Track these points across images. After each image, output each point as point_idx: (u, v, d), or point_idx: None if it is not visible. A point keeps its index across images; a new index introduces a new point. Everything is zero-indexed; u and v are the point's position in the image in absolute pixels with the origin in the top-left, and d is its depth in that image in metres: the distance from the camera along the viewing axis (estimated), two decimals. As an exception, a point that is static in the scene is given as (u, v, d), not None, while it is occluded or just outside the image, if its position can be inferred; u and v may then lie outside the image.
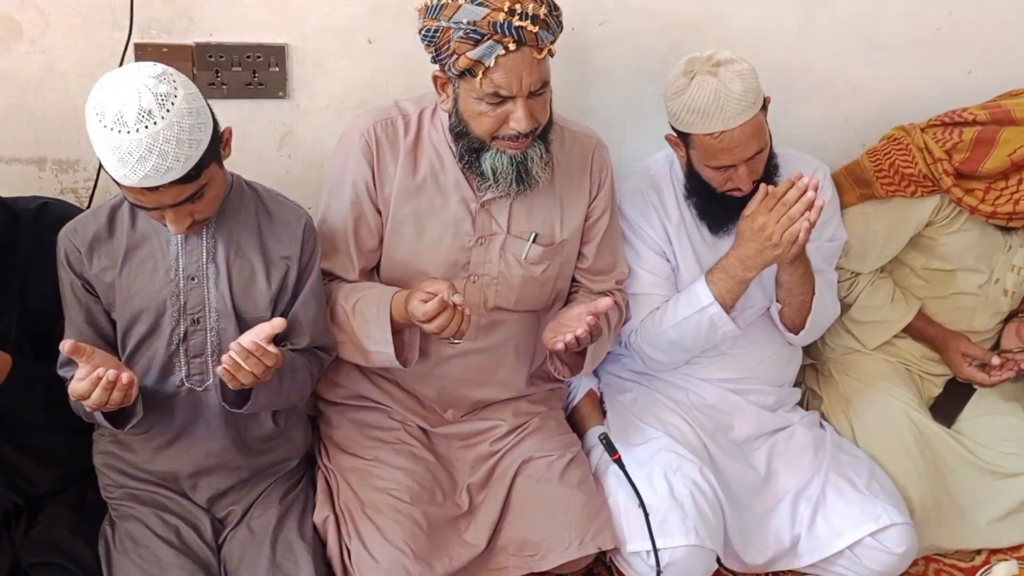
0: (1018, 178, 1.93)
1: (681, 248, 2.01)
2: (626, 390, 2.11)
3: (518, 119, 1.63)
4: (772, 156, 1.91)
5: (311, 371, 1.72)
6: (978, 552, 2.05)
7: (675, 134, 1.89)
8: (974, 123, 1.98)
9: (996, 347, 2.20)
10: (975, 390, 2.18)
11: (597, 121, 2.17)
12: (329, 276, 1.80)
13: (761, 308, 2.05)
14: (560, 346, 1.70)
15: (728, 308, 1.88)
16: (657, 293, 1.99)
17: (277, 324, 1.47)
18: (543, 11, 1.59)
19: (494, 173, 1.70)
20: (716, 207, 1.93)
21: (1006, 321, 2.21)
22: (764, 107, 1.83)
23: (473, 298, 1.83)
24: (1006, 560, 1.90)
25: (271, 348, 1.46)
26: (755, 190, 1.83)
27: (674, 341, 1.95)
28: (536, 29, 1.58)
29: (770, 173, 1.91)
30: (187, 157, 1.41)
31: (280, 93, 2.00)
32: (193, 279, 1.60)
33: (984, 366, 2.10)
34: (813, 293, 1.96)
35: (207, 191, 1.49)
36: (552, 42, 1.64)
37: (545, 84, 1.66)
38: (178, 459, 1.69)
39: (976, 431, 2.13)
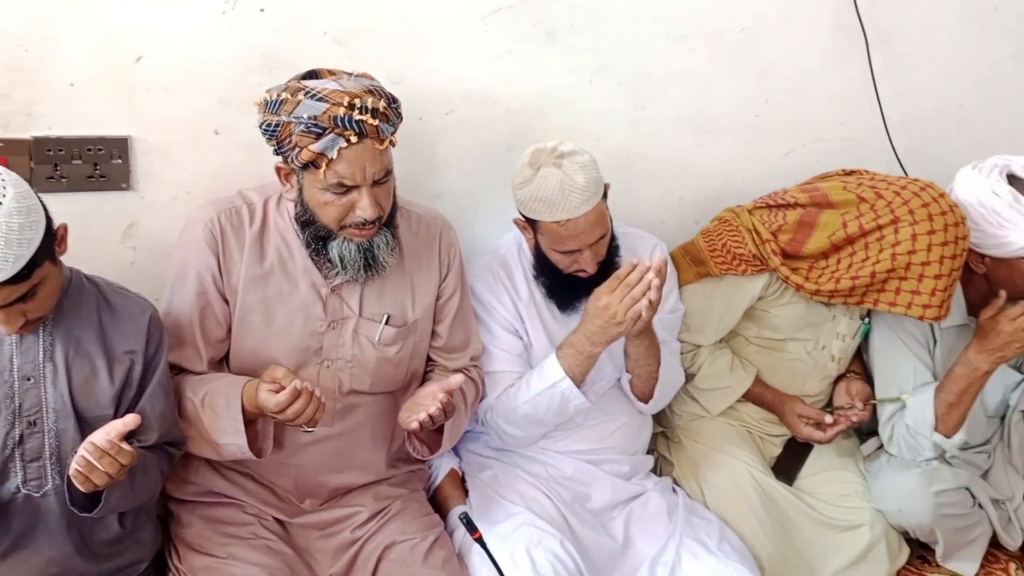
0: (837, 258, 2.07)
1: (532, 325, 2.07)
2: (486, 467, 2.13)
3: (364, 207, 1.67)
4: (613, 237, 2.02)
5: (161, 468, 1.67)
6: (824, 603, 2.13)
7: (523, 219, 1.97)
8: (796, 206, 2.13)
9: (828, 406, 2.34)
10: (812, 448, 2.31)
11: (447, 205, 2.24)
12: (176, 369, 1.76)
13: (611, 380, 2.13)
14: (414, 425, 1.72)
15: (579, 382, 1.95)
16: (511, 370, 2.04)
17: (130, 421, 1.44)
18: (382, 104, 1.65)
19: (342, 260, 1.73)
20: (563, 287, 2.01)
21: (836, 382, 2.35)
22: (605, 194, 1.93)
23: (328, 383, 1.82)
24: (849, 610, 2.01)
25: (125, 446, 1.42)
26: (600, 271, 1.92)
27: (529, 416, 2.00)
28: (376, 122, 1.63)
29: (612, 253, 2.01)
30: (16, 257, 1.37)
31: (123, 185, 1.97)
32: (29, 379, 1.54)
33: (819, 424, 2.23)
34: (659, 363, 2.06)
35: (40, 290, 1.45)
36: (393, 133, 1.70)
37: (388, 173, 1.71)
38: (17, 571, 1.58)
39: (816, 487, 2.25)
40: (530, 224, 1.96)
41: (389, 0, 2.06)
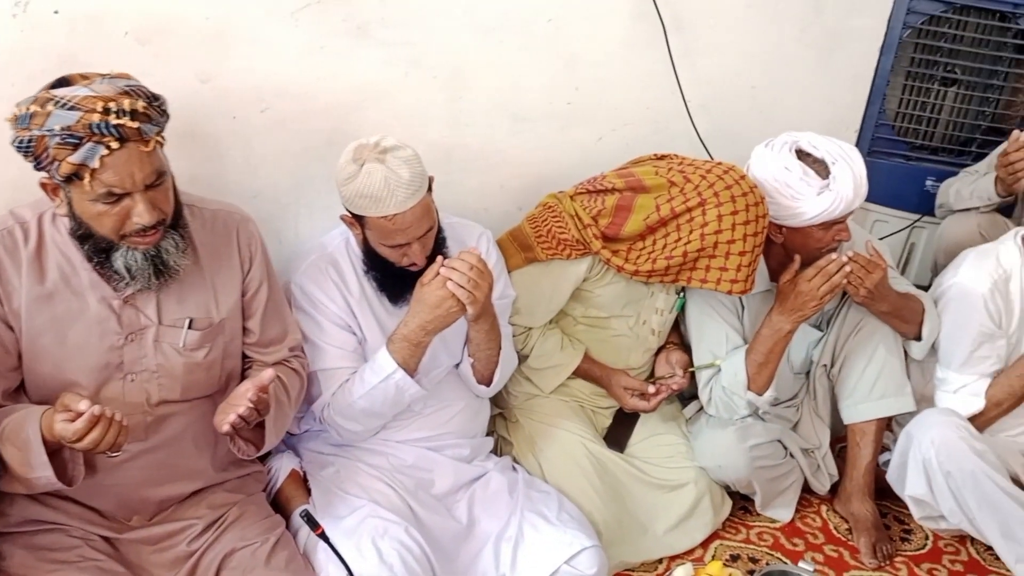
0: (652, 239, 2.19)
1: (365, 320, 2.08)
2: (328, 464, 2.12)
3: (140, 214, 1.60)
4: (439, 229, 2.05)
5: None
6: (660, 561, 2.26)
7: (349, 215, 1.97)
8: (613, 191, 2.23)
9: (652, 376, 2.48)
10: (639, 416, 2.45)
11: (268, 204, 2.21)
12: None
13: (447, 367, 2.18)
14: (226, 428, 1.68)
15: (412, 372, 1.98)
16: (345, 366, 2.04)
17: None
18: (141, 104, 1.58)
19: (129, 271, 1.65)
20: (394, 280, 2.03)
21: (657, 353, 2.49)
22: (430, 187, 1.95)
23: (135, 397, 1.75)
24: (683, 564, 2.12)
25: None
26: (431, 263, 1.96)
27: (366, 410, 2.01)
28: (137, 124, 1.56)
29: (439, 245, 2.04)
30: None
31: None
32: None
33: (644, 395, 2.35)
34: (500, 347, 2.12)
35: None
36: (159, 132, 1.62)
37: (162, 174, 1.63)
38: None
39: (644, 452, 2.39)
40: (357, 220, 1.96)
41: (195, -2, 2.01)
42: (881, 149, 3.13)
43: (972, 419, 2.26)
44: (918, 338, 2.33)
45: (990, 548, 2.28)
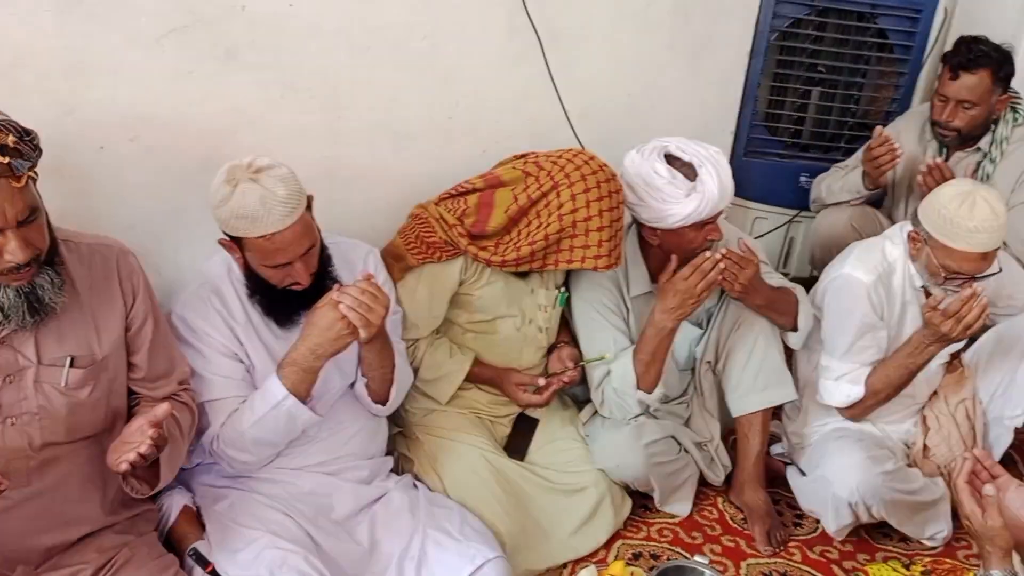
0: (517, 230, 2.23)
1: (252, 346, 2.04)
2: (222, 497, 2.07)
3: (13, 251, 1.54)
4: (324, 247, 2.04)
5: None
6: (564, 566, 2.27)
7: (228, 238, 1.93)
8: (474, 190, 2.28)
9: (546, 373, 2.50)
10: (538, 423, 2.48)
11: (143, 235, 2.16)
12: None
13: (341, 389, 2.16)
14: (124, 467, 1.63)
15: (304, 397, 1.96)
16: (233, 395, 2.00)
17: None
18: (11, 140, 1.52)
19: (2, 310, 1.59)
20: (280, 303, 2.00)
21: (549, 352, 2.52)
22: (309, 205, 1.94)
23: (15, 441, 1.68)
24: (587, 567, 2.14)
25: None
26: (316, 282, 1.94)
27: (257, 439, 1.97)
28: (7, 160, 1.50)
29: (325, 263, 2.03)
30: None
31: None
32: None
33: (538, 390, 2.39)
34: (394, 365, 2.12)
35: None
36: (31, 168, 1.56)
37: (35, 210, 1.57)
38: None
39: (544, 458, 2.41)
40: (236, 243, 1.92)
41: (49, 28, 1.95)
42: (756, 149, 3.26)
43: (851, 406, 2.36)
44: (795, 329, 2.42)
45: (878, 527, 2.39)
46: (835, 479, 2.26)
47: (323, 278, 2.01)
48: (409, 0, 2.40)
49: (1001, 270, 2.19)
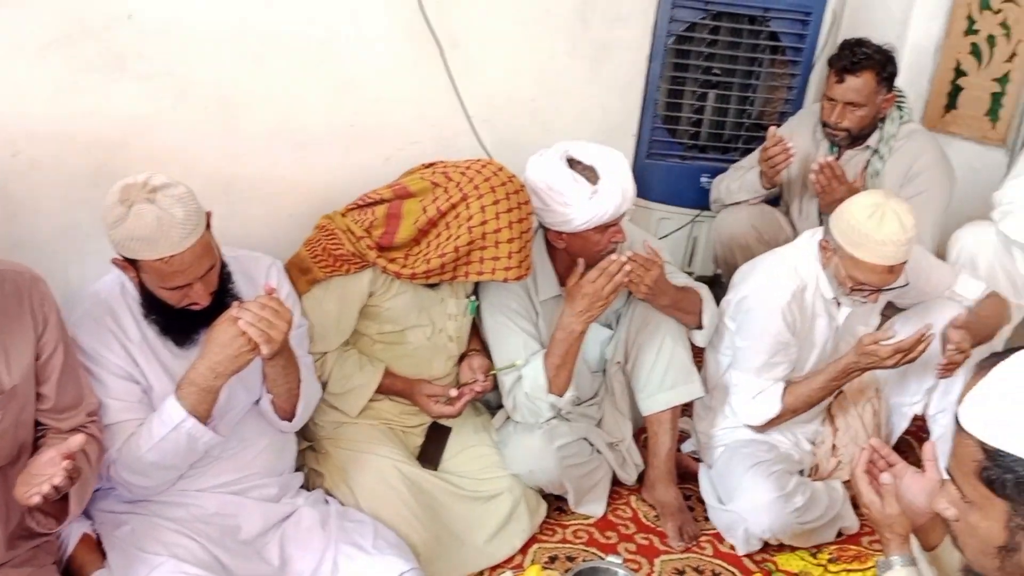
0: (426, 242, 2.21)
1: (150, 367, 1.97)
2: (122, 523, 1.99)
3: None
4: (224, 265, 1.98)
5: None
6: (481, 573, 2.26)
7: (122, 259, 1.85)
8: (382, 201, 2.25)
9: (458, 384, 2.48)
10: (450, 431, 2.46)
11: (31, 253, 2.07)
12: None
13: (246, 406, 2.10)
14: (36, 500, 1.56)
15: (205, 418, 1.90)
16: (130, 418, 1.93)
17: None
18: None
19: None
20: (177, 321, 1.93)
21: (460, 361, 2.51)
22: (208, 224, 1.88)
23: None
24: (503, 573, 2.15)
25: None
26: (216, 301, 1.89)
27: (156, 463, 1.90)
28: None
29: (225, 281, 1.97)
30: None
31: None
32: None
33: (450, 401, 2.37)
34: (300, 380, 2.07)
35: None
36: None
37: None
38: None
39: (458, 466, 2.40)
40: (131, 263, 1.85)
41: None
42: (658, 151, 3.32)
43: (767, 423, 2.41)
44: (700, 327, 2.47)
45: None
46: (749, 517, 2.31)
47: (223, 295, 1.95)
48: (304, 6, 2.37)
49: (908, 283, 2.23)
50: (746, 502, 2.32)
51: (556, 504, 2.50)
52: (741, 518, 2.34)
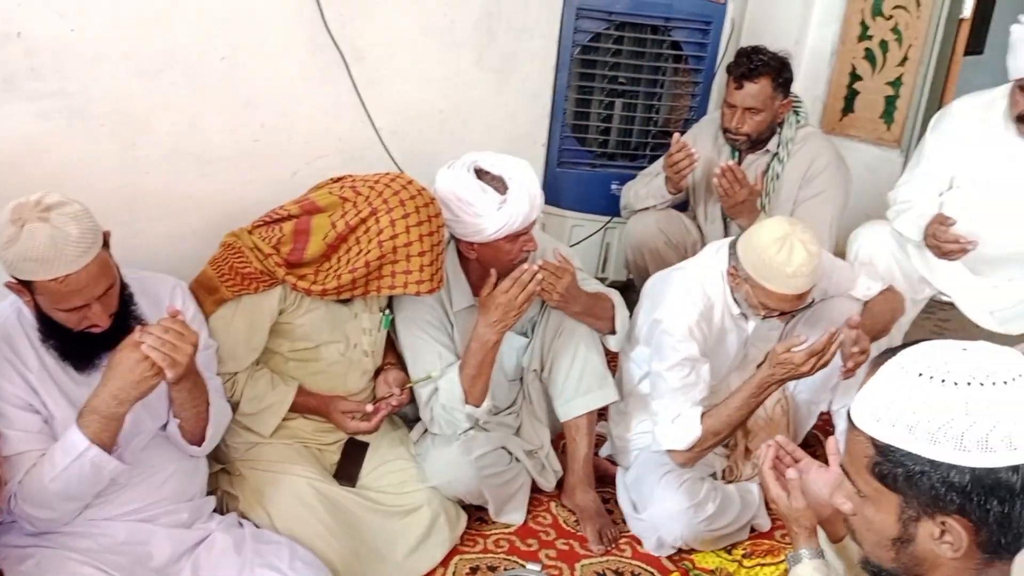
0: (337, 257, 2.19)
1: (49, 395, 1.90)
2: (27, 557, 1.91)
3: None
4: (124, 286, 1.93)
5: None
6: (403, 587, 2.26)
7: (16, 282, 1.79)
8: (290, 217, 2.22)
9: (375, 400, 2.47)
10: (368, 447, 2.44)
11: (-83, 281, 1.97)
12: None
13: (152, 431, 2.04)
14: None
15: (109, 446, 1.84)
16: (31, 449, 1.85)
17: None
18: None
19: None
20: (77, 346, 1.87)
21: (376, 376, 2.48)
22: (106, 243, 1.83)
23: None
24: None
25: None
26: (117, 324, 1.84)
27: (60, 494, 1.83)
28: None
29: (126, 302, 1.92)
30: None
31: None
32: None
33: (366, 416, 2.35)
34: (208, 403, 2.02)
35: None
36: None
37: None
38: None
39: (376, 482, 2.37)
40: (25, 286, 1.79)
41: None
42: (568, 160, 3.36)
43: (690, 448, 2.37)
44: (613, 332, 2.51)
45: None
46: (662, 527, 2.36)
47: (124, 318, 1.90)
48: (203, 21, 2.33)
49: (813, 301, 2.28)
50: (658, 511, 2.36)
51: (477, 514, 2.50)
52: (655, 527, 2.37)
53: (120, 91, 2.23)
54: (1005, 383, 1.11)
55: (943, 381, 1.13)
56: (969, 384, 1.12)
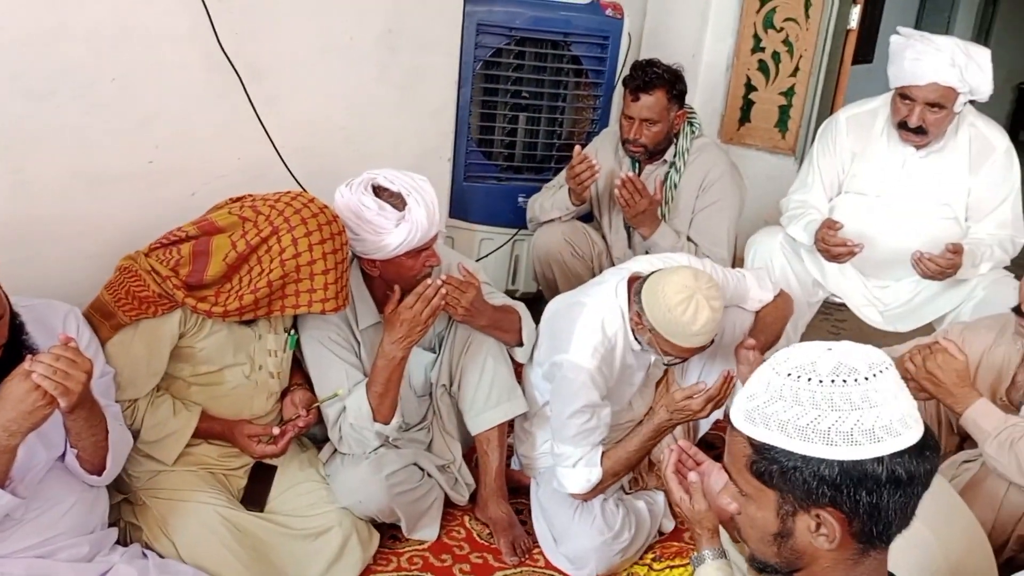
0: (238, 278, 2.16)
1: (-61, 429, 1.83)
2: (-83, 604, 1.85)
3: None
4: (14, 315, 1.86)
5: None
6: (315, 611, 2.23)
7: None
8: (188, 239, 2.18)
9: (282, 421, 2.43)
10: (276, 470, 2.40)
11: None
12: None
13: (48, 463, 1.98)
14: None
15: (1, 481, 1.78)
16: (-84, 488, 1.79)
17: None
18: None
19: None
20: None
21: (283, 397, 2.46)
22: None
23: None
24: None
25: None
26: (7, 355, 1.78)
27: (-53, 533, 1.78)
28: None
29: (17, 331, 1.86)
30: None
31: None
32: None
33: (272, 439, 2.32)
34: (107, 431, 1.97)
35: None
36: None
37: None
38: None
39: (285, 505, 2.34)
40: (-91, 320, 1.73)
41: None
42: (475, 174, 3.39)
43: (592, 489, 2.38)
44: (520, 344, 2.53)
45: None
46: (576, 560, 2.39)
47: (16, 348, 1.84)
48: (93, 41, 2.27)
49: (712, 342, 2.30)
50: (575, 547, 2.39)
51: (390, 532, 2.49)
52: (569, 561, 2.41)
53: (4, 114, 2.16)
54: (867, 379, 1.17)
55: (809, 380, 1.19)
56: (833, 381, 1.18)
